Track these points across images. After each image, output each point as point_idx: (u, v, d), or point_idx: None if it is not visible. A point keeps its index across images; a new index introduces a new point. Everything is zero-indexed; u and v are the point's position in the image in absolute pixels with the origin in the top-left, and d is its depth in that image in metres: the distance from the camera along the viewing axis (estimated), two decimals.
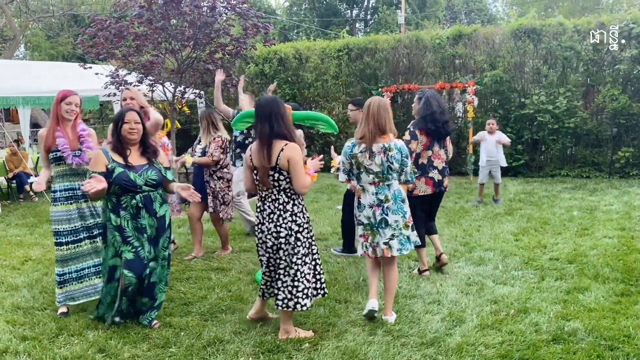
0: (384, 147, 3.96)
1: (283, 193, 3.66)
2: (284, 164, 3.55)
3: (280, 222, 3.65)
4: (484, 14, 35.30)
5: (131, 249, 3.88)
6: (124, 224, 3.88)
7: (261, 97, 3.82)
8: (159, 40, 8.79)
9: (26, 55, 27.51)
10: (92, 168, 3.83)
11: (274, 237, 3.68)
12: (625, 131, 10.65)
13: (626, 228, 6.56)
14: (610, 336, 3.64)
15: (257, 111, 3.68)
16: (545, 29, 11.04)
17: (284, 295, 3.72)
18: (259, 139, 3.64)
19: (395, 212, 4.01)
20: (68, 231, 4.28)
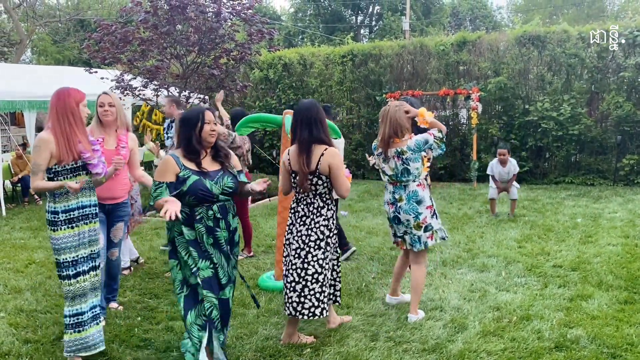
0: (397, 151, 4.08)
1: (319, 197, 3.70)
2: (325, 169, 3.59)
3: (312, 225, 3.67)
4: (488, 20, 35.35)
5: (210, 264, 3.32)
6: (200, 238, 3.31)
7: (300, 102, 3.84)
8: (164, 45, 8.83)
9: (32, 60, 27.70)
10: (160, 178, 3.27)
11: (303, 240, 3.68)
12: (629, 138, 10.62)
13: (630, 236, 6.53)
14: (613, 344, 3.62)
15: (297, 116, 3.72)
16: (550, 36, 11.05)
17: (310, 304, 3.66)
18: (298, 144, 3.67)
19: (407, 211, 4.10)
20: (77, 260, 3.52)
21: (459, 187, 10.86)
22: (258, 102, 13.71)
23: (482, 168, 11.18)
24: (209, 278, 3.28)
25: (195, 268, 3.26)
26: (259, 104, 13.66)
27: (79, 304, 3.51)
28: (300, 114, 3.69)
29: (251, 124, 5.69)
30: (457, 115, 12.38)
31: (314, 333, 3.95)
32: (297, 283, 3.67)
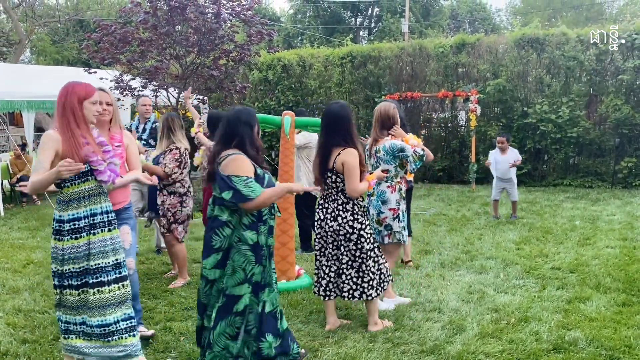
0: (376, 149, 4.38)
1: (342, 194, 3.86)
2: (339, 167, 3.77)
3: (340, 221, 3.85)
4: (487, 23, 35.40)
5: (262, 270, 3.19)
6: (262, 241, 3.17)
7: (331, 103, 4.00)
8: (164, 45, 8.84)
9: (32, 60, 27.68)
10: (247, 173, 3.10)
11: (335, 235, 3.88)
12: (628, 141, 10.65)
13: (628, 238, 6.54)
14: (611, 346, 3.62)
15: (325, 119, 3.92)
16: (549, 39, 11.07)
17: (349, 287, 3.91)
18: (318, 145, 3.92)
19: (373, 206, 4.40)
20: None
21: (457, 189, 10.88)
22: (257, 103, 13.71)
23: (480, 170, 11.22)
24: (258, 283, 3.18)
25: (249, 274, 3.12)
26: (258, 105, 13.66)
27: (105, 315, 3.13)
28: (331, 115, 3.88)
29: None
30: (455, 117, 12.41)
31: (311, 333, 3.95)
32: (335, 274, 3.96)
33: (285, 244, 5.01)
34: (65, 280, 3.13)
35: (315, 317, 4.25)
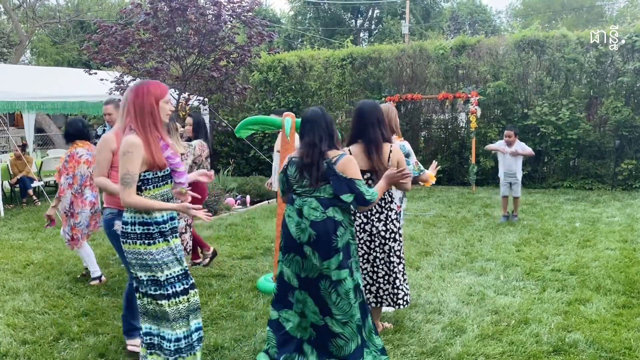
0: None
1: (387, 193, 3.84)
2: (394, 164, 3.75)
3: (386, 220, 3.83)
4: (487, 25, 35.43)
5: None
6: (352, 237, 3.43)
7: (362, 102, 3.94)
8: (164, 47, 8.84)
9: (32, 61, 27.70)
10: (358, 175, 3.25)
11: (382, 236, 3.82)
12: (628, 143, 10.65)
13: (628, 240, 6.54)
14: (611, 348, 3.62)
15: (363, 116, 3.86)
16: (549, 41, 11.08)
17: (403, 294, 3.88)
18: (366, 144, 3.78)
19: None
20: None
21: (457, 191, 10.88)
22: (257, 105, 13.72)
23: (480, 172, 11.22)
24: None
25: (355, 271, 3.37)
26: (259, 106, 13.67)
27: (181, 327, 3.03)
28: (370, 115, 3.81)
29: (250, 127, 5.69)
30: (456, 119, 12.41)
31: None
32: (389, 276, 3.85)
33: None
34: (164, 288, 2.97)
35: None
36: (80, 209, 5.14)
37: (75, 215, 5.14)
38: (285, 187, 3.45)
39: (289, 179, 3.39)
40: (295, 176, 3.32)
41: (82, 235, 5.22)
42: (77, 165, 5.09)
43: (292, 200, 3.36)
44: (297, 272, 3.32)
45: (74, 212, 5.13)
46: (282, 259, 3.40)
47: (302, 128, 3.37)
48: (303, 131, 3.37)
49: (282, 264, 3.40)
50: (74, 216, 5.14)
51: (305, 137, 3.32)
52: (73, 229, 5.16)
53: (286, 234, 3.36)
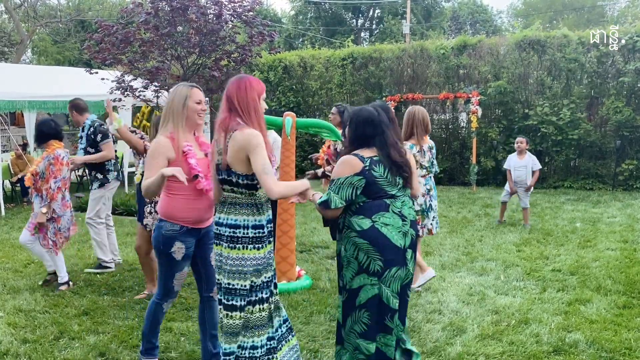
0: (429, 146, 4.88)
1: None
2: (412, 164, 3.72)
3: None
4: (488, 25, 35.43)
5: None
6: None
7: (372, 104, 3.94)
8: (165, 46, 8.84)
9: (33, 60, 27.71)
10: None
11: None
12: (629, 143, 10.65)
13: (629, 240, 6.54)
14: (611, 348, 3.62)
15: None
16: (550, 41, 11.07)
17: None
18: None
19: (435, 198, 4.96)
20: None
21: (458, 191, 10.88)
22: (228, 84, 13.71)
23: (481, 172, 11.22)
24: None
25: None
26: None
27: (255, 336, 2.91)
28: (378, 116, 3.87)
29: None
30: (456, 119, 12.41)
31: (312, 334, 3.95)
32: None
33: (286, 244, 5.02)
34: (254, 294, 2.88)
35: (316, 318, 4.25)
36: (62, 212, 5.01)
37: (59, 219, 4.98)
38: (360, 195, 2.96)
39: (376, 180, 2.96)
40: (387, 177, 2.99)
41: (64, 239, 5.08)
42: (61, 168, 4.95)
43: (385, 206, 2.97)
44: (398, 289, 2.99)
45: (57, 217, 4.96)
46: (376, 281, 2.94)
47: (367, 127, 3.05)
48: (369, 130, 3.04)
49: (377, 287, 2.94)
50: (57, 220, 4.96)
51: (382, 137, 3.03)
52: (57, 234, 4.98)
53: (386, 246, 2.92)
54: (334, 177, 2.98)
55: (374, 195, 2.96)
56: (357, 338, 2.98)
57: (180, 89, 3.16)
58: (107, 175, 5.62)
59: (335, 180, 2.96)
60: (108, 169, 5.63)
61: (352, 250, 2.95)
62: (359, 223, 2.95)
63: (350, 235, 2.97)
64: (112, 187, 5.70)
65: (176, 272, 3.21)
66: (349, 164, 2.97)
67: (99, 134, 5.49)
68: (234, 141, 2.75)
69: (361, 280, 2.95)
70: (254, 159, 2.72)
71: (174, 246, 3.12)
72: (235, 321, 2.83)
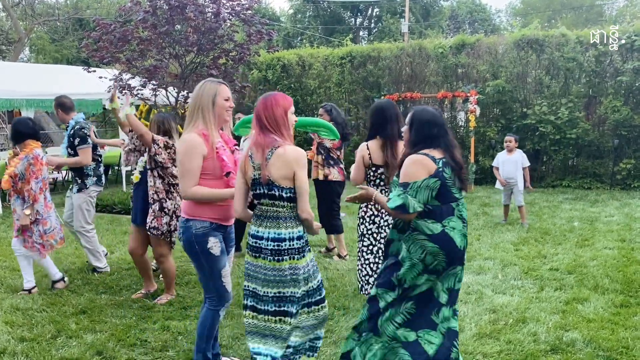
0: None
1: None
2: None
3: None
4: (487, 24, 35.43)
5: None
6: None
7: (378, 101, 4.24)
8: (163, 45, 8.82)
9: (31, 58, 27.65)
10: None
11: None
12: (626, 143, 10.66)
13: (626, 239, 6.55)
14: (608, 347, 3.63)
15: (380, 114, 4.08)
16: (548, 40, 11.08)
17: None
18: (384, 139, 4.05)
19: None
20: None
21: None
22: (256, 103, 13.69)
23: (479, 171, 11.22)
24: None
25: None
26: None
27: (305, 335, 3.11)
28: (384, 112, 4.04)
29: (250, 125, 5.68)
30: (455, 118, 12.41)
31: None
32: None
33: None
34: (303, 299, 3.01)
35: None
36: (47, 214, 4.86)
37: (44, 222, 4.84)
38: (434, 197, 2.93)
39: (447, 183, 2.94)
40: (454, 179, 3.00)
41: (58, 240, 4.98)
42: (41, 168, 4.78)
43: (452, 210, 2.97)
44: (451, 285, 3.03)
45: (41, 219, 4.83)
46: (434, 278, 2.97)
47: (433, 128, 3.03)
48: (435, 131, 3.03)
49: (433, 282, 2.98)
50: (42, 223, 4.82)
51: (447, 138, 3.04)
52: (43, 236, 4.84)
53: (452, 249, 2.94)
54: (407, 179, 2.92)
55: (444, 199, 2.95)
56: (398, 328, 2.98)
57: (209, 85, 3.13)
58: (85, 180, 5.40)
59: (411, 184, 2.89)
60: (87, 173, 5.41)
61: (420, 253, 2.93)
62: (429, 227, 2.93)
63: (418, 237, 2.94)
64: (91, 193, 5.46)
65: (221, 269, 3.15)
66: (423, 165, 2.92)
67: (77, 137, 5.28)
68: (279, 157, 2.84)
69: (421, 280, 2.97)
70: (301, 175, 2.86)
71: (209, 242, 3.09)
72: (287, 326, 2.95)
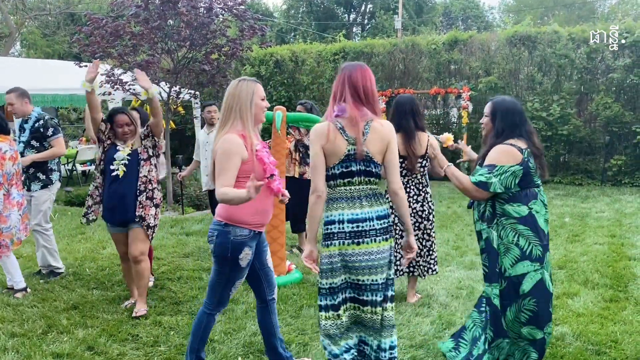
0: None
1: (424, 177, 4.44)
2: (431, 152, 4.22)
3: (424, 201, 4.43)
4: (480, 20, 35.51)
5: None
6: None
7: (400, 96, 4.41)
8: (155, 40, 8.78)
9: (22, 53, 27.43)
10: None
11: (419, 215, 4.41)
12: (617, 139, 10.73)
13: (616, 235, 6.60)
14: (597, 341, 3.66)
15: (399, 107, 4.29)
16: (541, 37, 11.12)
17: (422, 264, 4.44)
18: (404, 132, 4.21)
19: None
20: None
21: (448, 186, 10.90)
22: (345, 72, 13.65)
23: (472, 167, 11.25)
24: None
25: None
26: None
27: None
28: (403, 106, 4.27)
29: None
30: (447, 114, 12.45)
31: (301, 328, 3.96)
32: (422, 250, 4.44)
33: (276, 239, 5.02)
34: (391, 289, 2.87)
35: (306, 312, 4.26)
36: (8, 211, 4.54)
37: (4, 219, 4.50)
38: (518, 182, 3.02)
39: (530, 171, 3.05)
40: (535, 167, 3.09)
41: (15, 240, 4.64)
42: (3, 162, 4.46)
43: (535, 195, 3.07)
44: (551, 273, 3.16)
45: (2, 215, 4.51)
46: (539, 267, 3.04)
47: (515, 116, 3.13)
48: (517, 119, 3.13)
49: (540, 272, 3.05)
50: (1, 220, 4.50)
51: (527, 126, 3.14)
52: (1, 235, 4.51)
53: (541, 233, 3.03)
54: (493, 162, 3.03)
55: (526, 184, 3.04)
56: (523, 327, 3.03)
57: (246, 84, 3.00)
58: (50, 175, 5.12)
59: (498, 167, 2.99)
60: (51, 168, 5.13)
61: (512, 236, 3.01)
62: (517, 210, 3.01)
63: (507, 222, 3.02)
64: (54, 189, 5.20)
65: (238, 280, 3.08)
66: (511, 155, 3.02)
67: (50, 127, 5.01)
68: (376, 131, 2.73)
69: (524, 267, 3.01)
70: (395, 148, 2.77)
71: (242, 252, 2.98)
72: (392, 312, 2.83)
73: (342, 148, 2.71)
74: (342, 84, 2.80)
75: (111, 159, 4.14)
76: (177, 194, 9.04)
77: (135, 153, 4.18)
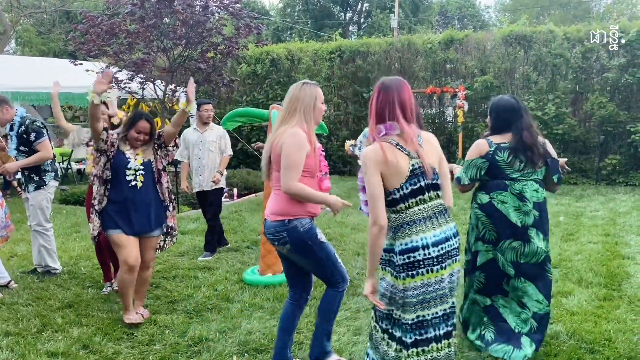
0: None
1: None
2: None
3: None
4: (476, 19, 35.57)
5: None
6: None
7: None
8: (151, 38, 8.77)
9: (17, 51, 27.30)
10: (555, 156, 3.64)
11: None
12: (612, 138, 10.77)
13: (611, 234, 6.63)
14: (591, 339, 3.68)
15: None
16: (536, 36, 11.15)
17: None
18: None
19: None
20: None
21: None
22: (245, 97, 13.67)
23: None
24: None
25: None
26: (246, 98, 13.62)
27: None
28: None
29: (237, 119, 5.68)
30: (443, 114, 12.47)
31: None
32: None
33: None
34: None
35: None
36: None
37: None
38: (484, 175, 3.43)
39: (498, 165, 3.39)
40: (509, 161, 3.39)
41: None
42: None
43: (504, 186, 3.41)
44: (514, 259, 3.43)
45: None
46: (490, 248, 3.46)
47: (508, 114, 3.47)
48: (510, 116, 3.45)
49: (493, 252, 3.46)
50: None
51: (519, 122, 3.41)
52: None
53: (502, 220, 3.40)
54: (466, 158, 3.51)
55: (493, 175, 3.42)
56: (474, 294, 3.59)
57: (309, 87, 3.11)
58: (43, 176, 5.11)
59: (466, 161, 3.50)
60: (44, 169, 5.11)
61: (474, 220, 3.55)
62: (480, 198, 3.49)
63: (473, 206, 3.55)
64: (50, 189, 5.19)
65: (332, 252, 3.20)
66: (477, 147, 3.46)
67: (32, 132, 4.96)
68: (428, 143, 2.73)
69: (478, 246, 3.53)
70: (444, 160, 2.82)
71: (318, 233, 3.14)
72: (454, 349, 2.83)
73: (405, 165, 2.59)
74: (390, 103, 2.63)
75: (121, 168, 3.94)
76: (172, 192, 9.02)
77: (149, 163, 4.06)
